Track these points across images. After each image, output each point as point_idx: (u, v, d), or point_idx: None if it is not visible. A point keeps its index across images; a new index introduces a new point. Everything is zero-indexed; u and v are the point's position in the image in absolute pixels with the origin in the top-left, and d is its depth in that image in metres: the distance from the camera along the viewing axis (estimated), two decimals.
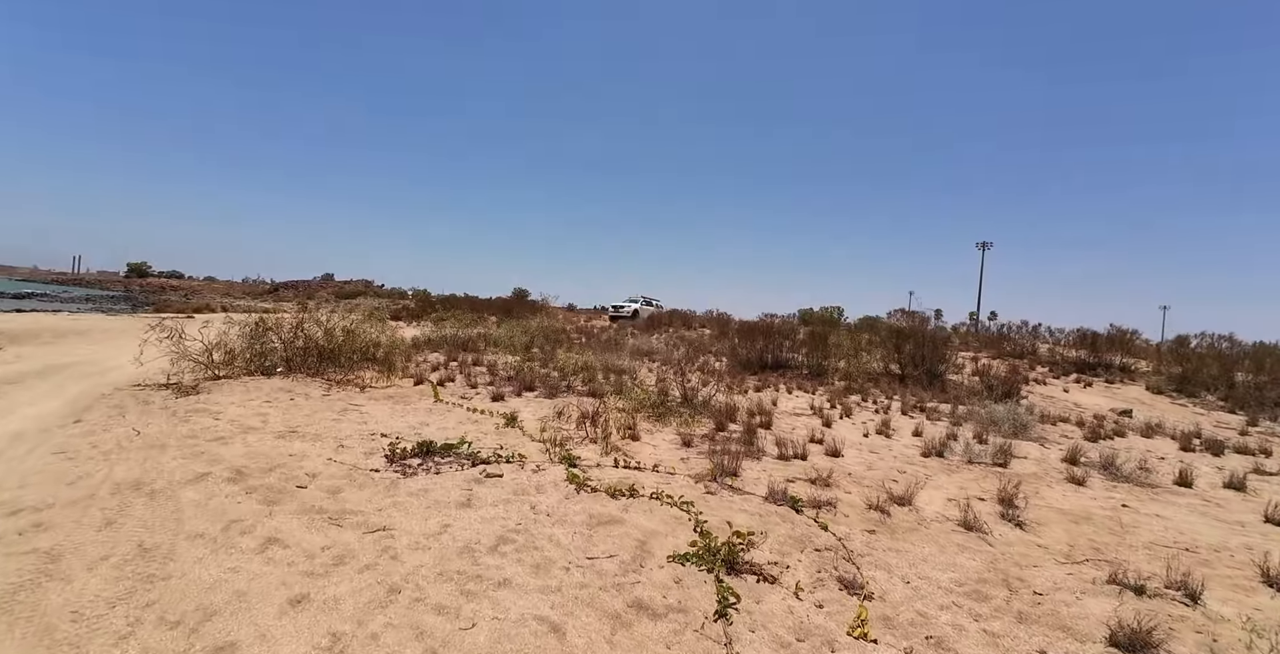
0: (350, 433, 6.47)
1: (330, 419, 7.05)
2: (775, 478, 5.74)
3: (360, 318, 11.80)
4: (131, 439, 5.73)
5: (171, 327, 8.71)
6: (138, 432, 5.97)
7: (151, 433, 5.95)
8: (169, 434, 5.91)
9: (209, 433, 6.03)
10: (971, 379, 14.74)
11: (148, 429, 6.08)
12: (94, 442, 5.61)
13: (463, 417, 7.76)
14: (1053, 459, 8.37)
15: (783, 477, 5.85)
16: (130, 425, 6.20)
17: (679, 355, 17.27)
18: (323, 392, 8.63)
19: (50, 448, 5.35)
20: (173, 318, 21.69)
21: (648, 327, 23.05)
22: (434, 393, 9.00)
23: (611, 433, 6.91)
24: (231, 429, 6.23)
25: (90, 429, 6.02)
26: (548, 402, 9.06)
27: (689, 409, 8.97)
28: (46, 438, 5.66)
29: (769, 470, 6.07)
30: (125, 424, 6.25)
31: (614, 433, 6.95)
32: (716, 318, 25.24)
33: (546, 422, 7.82)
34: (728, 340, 19.85)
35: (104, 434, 5.87)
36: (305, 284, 72.38)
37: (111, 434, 5.87)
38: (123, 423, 6.30)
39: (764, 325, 16.67)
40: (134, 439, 5.72)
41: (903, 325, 14.94)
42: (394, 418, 7.43)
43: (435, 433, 6.79)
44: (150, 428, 6.13)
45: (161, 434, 5.92)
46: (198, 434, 5.95)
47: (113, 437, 5.79)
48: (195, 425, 6.29)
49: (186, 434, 5.93)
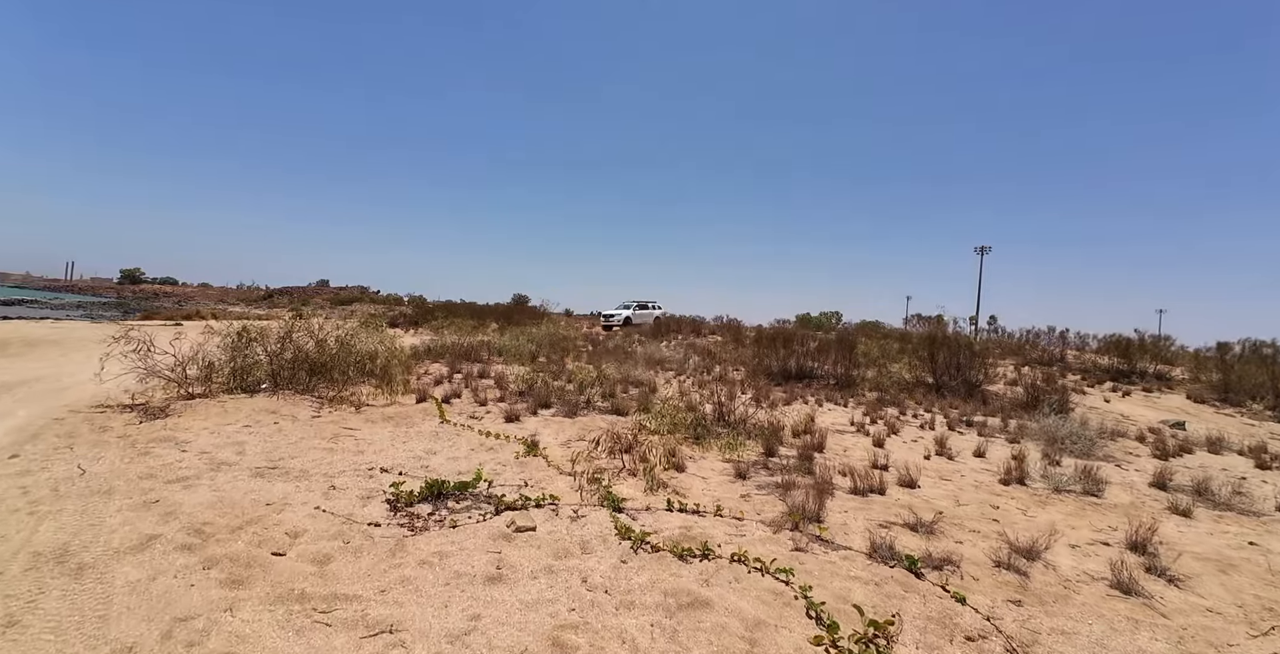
0: (344, 467, 5.35)
1: (320, 448, 5.93)
2: (866, 522, 4.67)
3: (356, 326, 10.67)
4: (73, 481, 4.58)
5: (139, 337, 7.56)
6: (82, 470, 4.82)
7: (99, 472, 4.80)
8: (120, 473, 4.77)
9: (170, 471, 4.89)
10: (1010, 390, 13.75)
11: (96, 466, 4.94)
12: (26, 486, 4.46)
13: (475, 441, 6.65)
14: (1139, 484, 7.37)
15: (870, 519, 4.79)
16: (77, 461, 5.05)
17: (692, 364, 16.21)
18: (313, 412, 7.49)
19: None
20: (148, 325, 20.38)
21: (654, 333, 21.98)
22: (439, 412, 7.88)
23: (654, 463, 5.83)
24: (199, 465, 5.09)
25: (26, 467, 4.87)
26: (568, 422, 7.96)
27: (727, 430, 7.90)
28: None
29: (849, 510, 5.00)
30: (71, 459, 5.11)
31: (656, 463, 5.87)
32: (727, 324, 24.20)
33: (572, 446, 6.73)
34: (742, 348, 18.81)
35: (41, 474, 4.72)
36: (300, 290, 70.91)
37: (50, 474, 4.73)
38: (69, 458, 5.16)
39: (786, 333, 15.62)
40: (76, 481, 4.58)
41: (935, 333, 13.95)
42: (395, 445, 6.31)
43: (445, 464, 5.68)
44: (99, 465, 4.99)
45: (111, 473, 4.77)
46: (156, 473, 4.81)
47: (51, 477, 4.65)
48: (155, 460, 5.15)
49: (142, 473, 4.79)
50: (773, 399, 11.43)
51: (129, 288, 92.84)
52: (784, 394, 12.13)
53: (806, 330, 25.91)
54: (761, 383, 13.05)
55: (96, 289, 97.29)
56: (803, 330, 17.75)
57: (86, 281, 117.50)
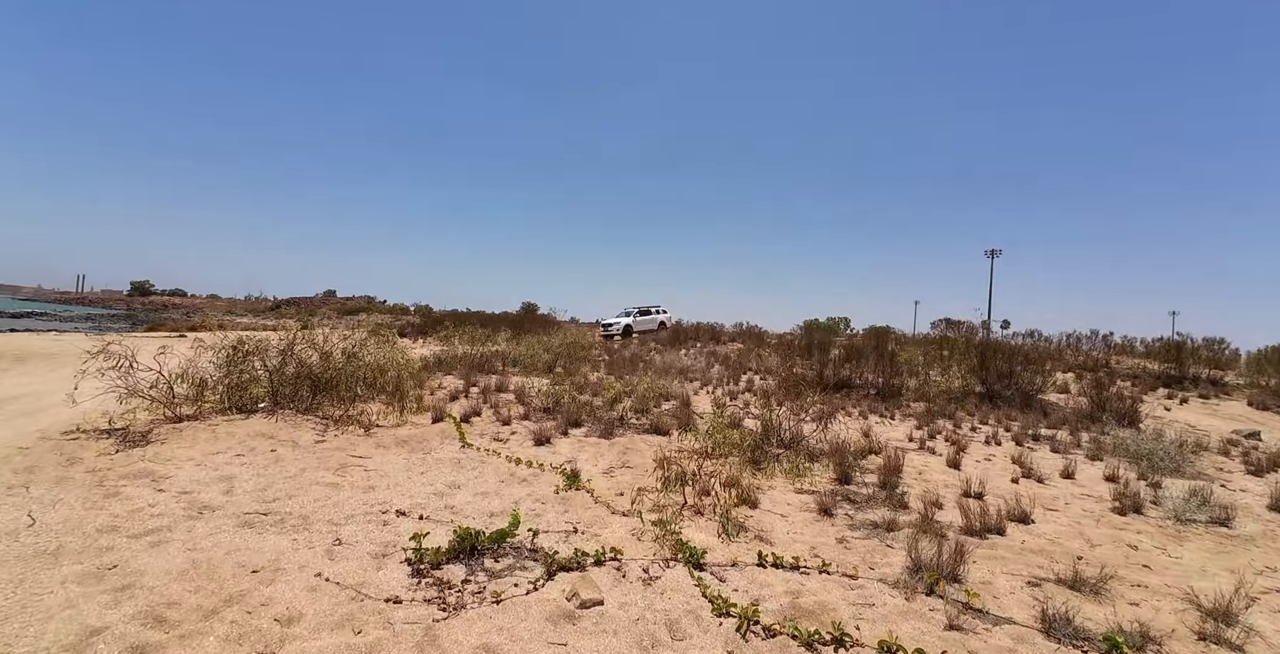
0: (352, 509, 4.36)
1: (324, 483, 4.95)
2: (1009, 578, 3.67)
3: (364, 336, 9.73)
4: (17, 535, 3.61)
5: (119, 352, 6.60)
6: (32, 520, 3.85)
7: (52, 522, 3.83)
8: (77, 525, 3.79)
9: (139, 520, 3.91)
10: (1068, 399, 12.71)
11: (50, 513, 3.96)
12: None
13: (504, 470, 5.67)
14: (1255, 507, 6.36)
15: (1011, 572, 3.78)
16: (30, 506, 4.08)
17: (716, 374, 15.21)
18: (316, 435, 6.51)
19: None
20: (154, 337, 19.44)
21: (672, 341, 20.98)
22: (459, 434, 6.90)
23: (723, 499, 4.83)
24: (176, 510, 4.11)
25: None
26: (604, 444, 6.96)
27: (784, 451, 6.91)
28: None
29: (979, 560, 3.99)
30: (24, 503, 4.14)
31: (726, 499, 4.87)
32: (747, 331, 23.14)
33: (616, 475, 5.73)
34: (766, 356, 17.80)
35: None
36: (307, 301, 70.17)
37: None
38: (21, 501, 4.18)
39: (818, 340, 14.61)
40: (21, 535, 3.60)
41: (984, 338, 12.91)
42: (412, 476, 5.32)
43: (472, 502, 4.70)
44: (55, 511, 4.01)
45: (67, 524, 3.80)
46: (120, 524, 3.83)
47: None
48: (123, 505, 4.17)
49: (104, 524, 3.81)
50: (814, 412, 10.42)
51: (138, 300, 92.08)
52: (824, 406, 11.11)
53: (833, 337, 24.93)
54: (797, 394, 12.04)
55: (106, 301, 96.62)
56: (832, 337, 16.75)
57: (97, 294, 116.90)
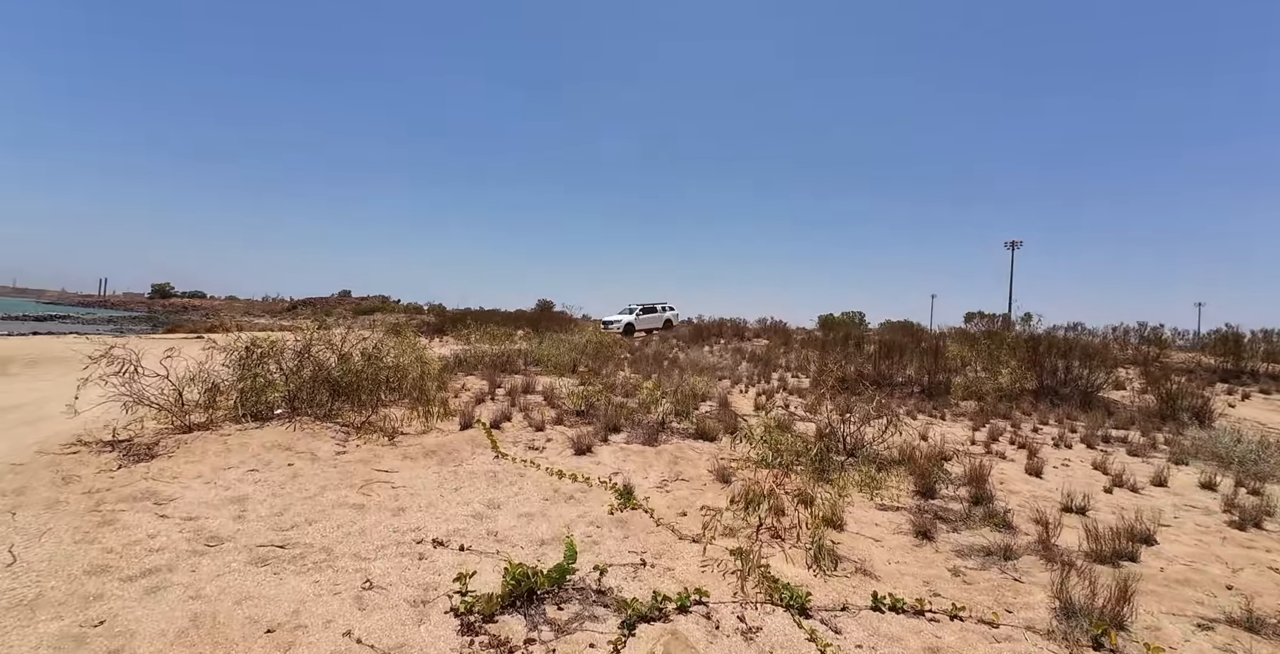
0: (382, 539, 3.74)
1: (348, 504, 4.33)
2: (1176, 621, 2.97)
3: (382, 335, 9.15)
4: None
5: (123, 356, 6.04)
6: (13, 557, 3.25)
7: (36, 560, 3.23)
8: (64, 563, 3.19)
9: (135, 556, 3.31)
10: (1130, 396, 11.89)
11: (34, 548, 3.37)
12: None
13: (546, 486, 5.03)
14: None
15: (1175, 612, 3.08)
16: (13, 538, 3.49)
17: (745, 371, 14.51)
18: (336, 445, 5.91)
19: None
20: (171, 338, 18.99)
21: (693, 337, 20.28)
22: (491, 443, 6.27)
23: (803, 519, 4.15)
24: (179, 543, 3.51)
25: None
26: (650, 451, 6.30)
27: (846, 458, 6.23)
28: None
29: (1130, 594, 3.29)
30: (7, 535, 3.55)
31: (803, 517, 4.19)
32: (772, 327, 22.32)
33: (671, 489, 5.08)
34: (792, 352, 17.06)
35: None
36: (323, 301, 70.18)
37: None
38: (4, 532, 3.60)
39: (856, 336, 13.84)
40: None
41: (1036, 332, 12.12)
42: (445, 494, 4.69)
43: (517, 527, 4.06)
44: (40, 545, 3.42)
45: (52, 562, 3.20)
46: (113, 562, 3.23)
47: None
48: (119, 535, 3.57)
49: (94, 563, 3.20)
50: (862, 414, 9.69)
51: (159, 302, 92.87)
52: (885, 408, 10.38)
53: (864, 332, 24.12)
54: (843, 392, 11.32)
55: (128, 304, 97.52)
56: (864, 332, 15.97)
57: (119, 297, 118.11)
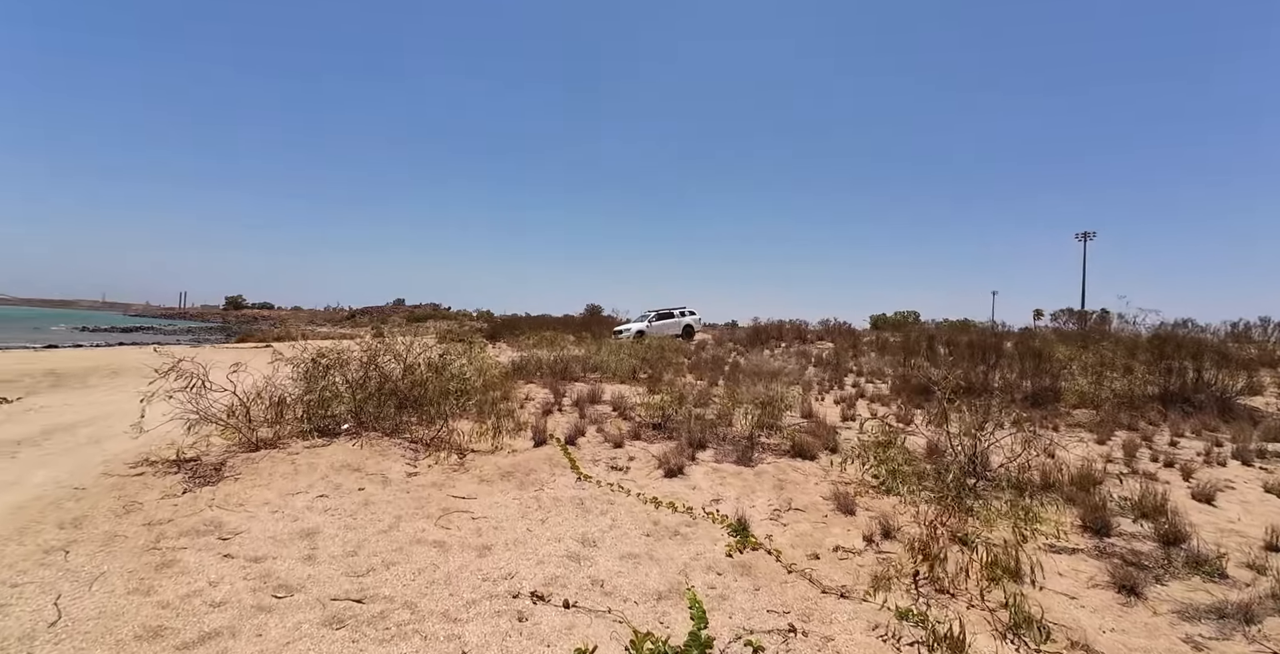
0: (471, 590, 3.12)
1: (428, 542, 3.74)
2: None
3: (448, 344, 8.74)
4: (34, 640, 2.54)
5: (191, 370, 5.72)
6: (59, 612, 2.78)
7: (83, 615, 2.75)
8: (114, 622, 2.70)
9: (193, 614, 2.79)
10: (1267, 401, 10.32)
11: (85, 600, 2.90)
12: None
13: (642, 516, 4.33)
14: None
15: None
16: (61, 586, 3.04)
17: (812, 377, 13.52)
18: (406, 465, 5.40)
19: None
20: (242, 348, 19.44)
21: (751, 341, 19.33)
22: (570, 462, 5.64)
23: (966, 564, 3.30)
24: (243, 593, 2.98)
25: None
26: (747, 472, 5.53)
27: (978, 481, 5.29)
28: None
29: None
30: (56, 581, 3.11)
31: (966, 561, 3.34)
32: (836, 328, 21.10)
33: (785, 520, 4.29)
34: (862, 355, 15.92)
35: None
36: (379, 309, 72.28)
37: (3, 623, 2.71)
38: (54, 575, 3.16)
39: (944, 337, 12.66)
40: (38, 641, 2.53)
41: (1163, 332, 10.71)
42: (531, 528, 4.06)
43: (622, 572, 3.37)
44: (91, 596, 2.95)
45: (101, 620, 2.71)
46: (168, 622, 2.71)
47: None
48: (178, 584, 3.07)
49: (146, 624, 2.69)
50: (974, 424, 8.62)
51: (232, 313, 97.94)
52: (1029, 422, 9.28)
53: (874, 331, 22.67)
54: (912, 397, 10.24)
55: (205, 315, 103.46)
56: (946, 334, 14.71)
57: (197, 309, 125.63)
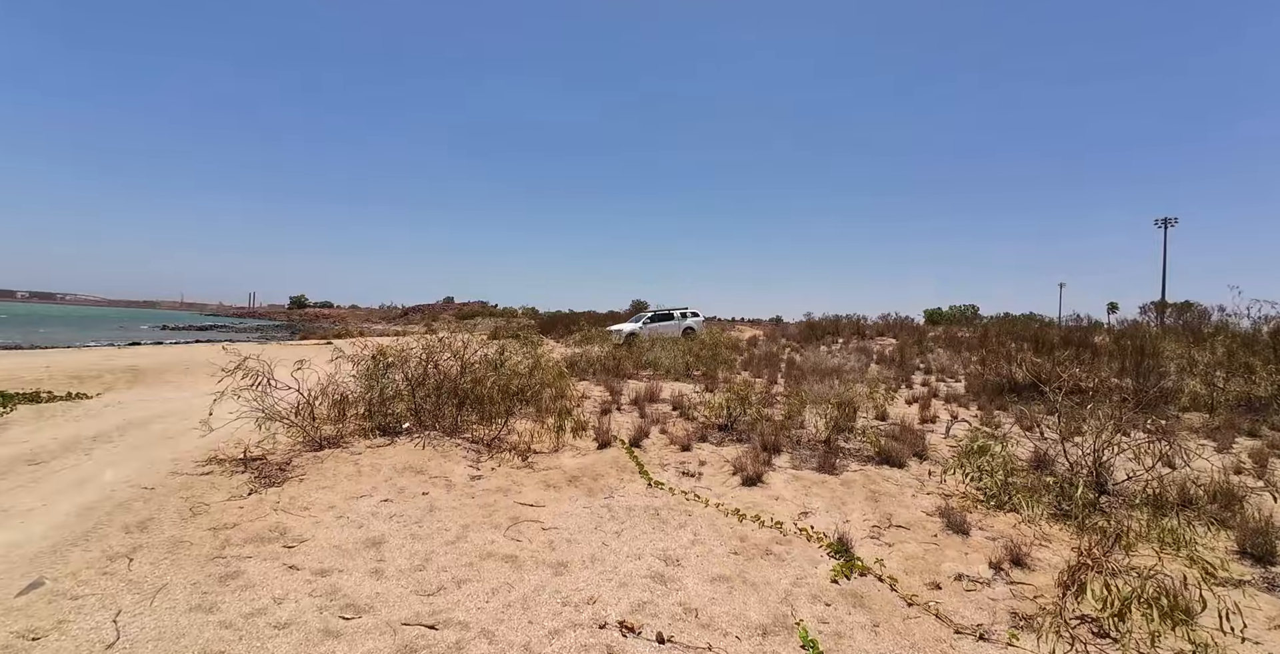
0: (552, 618, 2.75)
1: (499, 556, 3.42)
2: None
3: (503, 341, 8.51)
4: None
5: (256, 368, 5.64)
6: (117, 632, 2.57)
7: (142, 637, 2.53)
8: (172, 647, 2.46)
9: (255, 638, 2.53)
10: None
11: (144, 618, 2.69)
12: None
13: (725, 530, 3.89)
14: None
15: None
16: (122, 600, 2.85)
17: (875, 374, 12.70)
18: (470, 467, 5.13)
19: None
20: (304, 345, 20.03)
21: (805, 337, 18.53)
22: (638, 467, 5.25)
23: (1120, 599, 2.71)
24: (308, 613, 2.71)
25: (31, 621, 2.71)
26: (832, 481, 5.00)
27: (1099, 496, 4.60)
28: None
29: None
30: (117, 593, 2.93)
31: (1122, 596, 2.74)
32: (899, 323, 19.92)
33: (887, 539, 3.76)
34: (928, 352, 14.93)
35: (41, 645, 2.53)
36: (430, 307, 74.26)
37: (58, 645, 2.52)
38: (115, 585, 2.98)
39: (1033, 333, 11.66)
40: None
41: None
42: (607, 542, 3.68)
43: (715, 599, 2.93)
44: (150, 612, 2.73)
45: (158, 646, 2.48)
46: (228, 645, 2.45)
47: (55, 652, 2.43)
48: (240, 600, 2.83)
49: (206, 649, 2.45)
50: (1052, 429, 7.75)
51: (296, 312, 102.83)
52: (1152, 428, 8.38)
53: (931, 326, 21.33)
54: (991, 398, 9.35)
55: (271, 314, 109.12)
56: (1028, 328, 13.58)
57: (264, 308, 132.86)
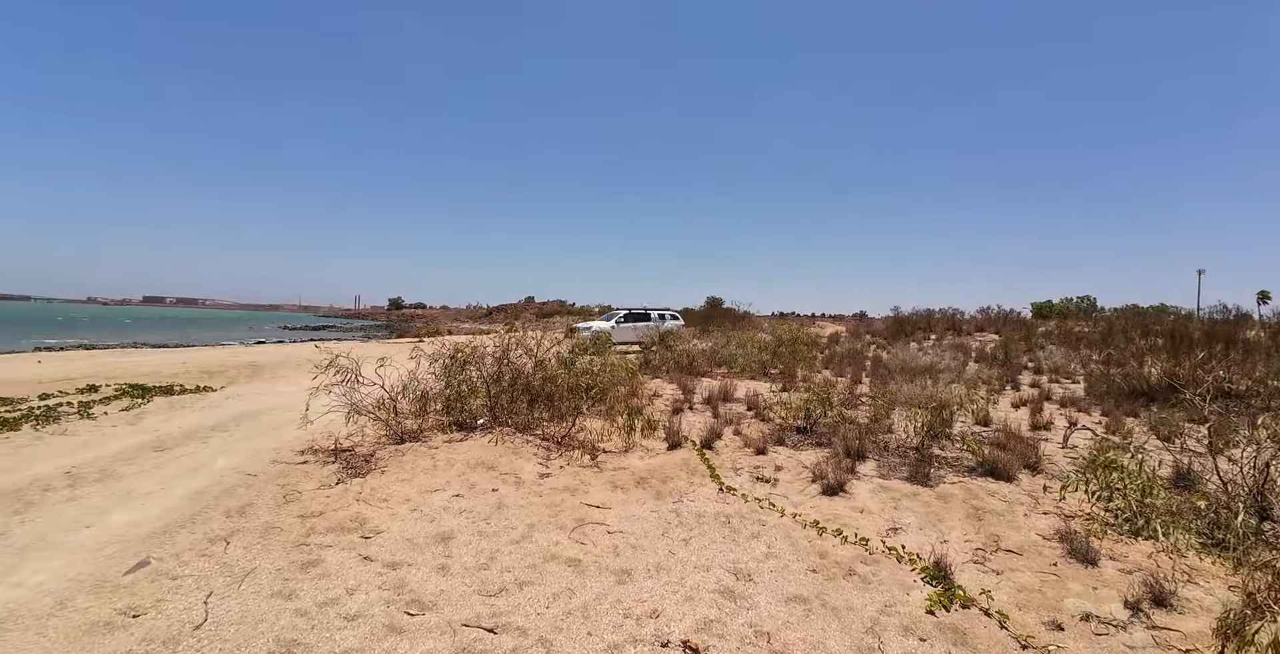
0: (612, 631, 2.61)
1: (562, 559, 3.32)
2: None
3: (567, 334, 8.57)
4: (178, 644, 2.45)
5: (346, 366, 5.96)
6: (206, 613, 2.71)
7: (226, 620, 2.65)
8: (253, 631, 2.55)
9: (327, 629, 2.57)
10: None
11: (232, 600, 2.82)
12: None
13: (802, 544, 3.57)
14: None
15: None
16: (215, 582, 3.03)
17: (975, 373, 11.56)
18: (539, 465, 5.12)
19: None
20: (401, 343, 21.46)
21: (893, 333, 17.33)
22: (709, 470, 5.01)
23: None
24: (376, 606, 2.73)
25: (134, 598, 2.91)
26: (925, 494, 4.51)
27: (1261, 522, 3.79)
28: (36, 633, 2.62)
29: None
30: (212, 574, 3.11)
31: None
32: (1002, 317, 18.04)
33: (989, 562, 3.28)
34: (1038, 349, 13.45)
35: (139, 623, 2.70)
36: (512, 307, 77.35)
37: (153, 623, 2.68)
38: (212, 566, 3.18)
39: (1168, 327, 10.19)
40: (182, 644, 2.44)
41: None
42: (674, 551, 3.49)
43: (790, 622, 2.65)
44: (239, 595, 2.87)
45: (241, 629, 2.58)
46: (301, 637, 2.51)
47: (146, 634, 2.58)
48: (318, 588, 2.92)
49: (281, 637, 2.51)
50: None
51: (394, 313, 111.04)
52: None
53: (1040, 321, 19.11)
54: (1119, 403, 8.14)
55: (373, 315, 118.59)
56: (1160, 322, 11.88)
57: (367, 309, 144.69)
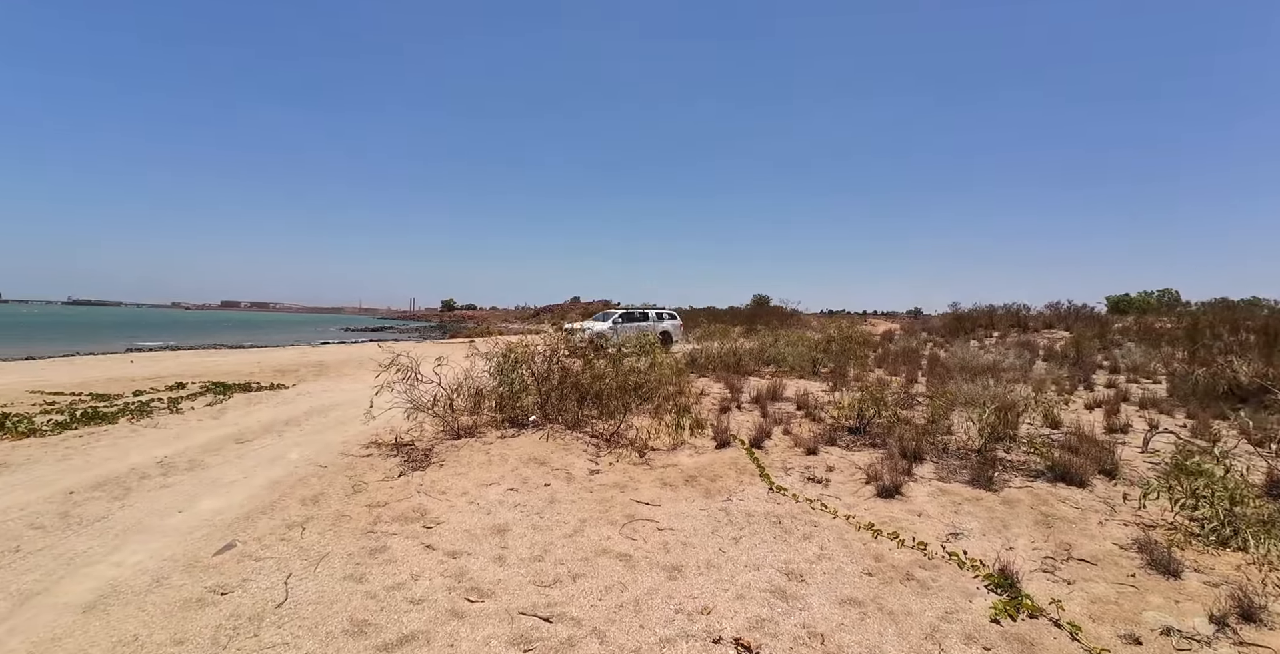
0: (663, 626, 2.63)
1: (613, 554, 3.38)
2: None
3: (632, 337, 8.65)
4: (261, 621, 2.65)
5: (406, 364, 6.25)
6: (286, 593, 2.91)
7: (303, 599, 2.83)
8: (328, 610, 2.72)
9: (394, 611, 2.72)
10: None
11: (309, 581, 3.02)
12: (182, 634, 2.63)
13: (856, 546, 3.49)
14: None
15: None
16: (293, 564, 3.24)
17: (1043, 372, 10.91)
18: (589, 461, 5.21)
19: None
20: (454, 343, 22.26)
21: (951, 330, 16.58)
22: (759, 469, 4.96)
23: None
24: (439, 592, 2.86)
25: (222, 577, 3.14)
26: (989, 497, 4.31)
27: None
28: (121, 617, 2.87)
29: None
30: (291, 556, 3.33)
31: None
32: (1071, 313, 16.86)
33: (1060, 571, 3.11)
34: (1115, 346, 12.58)
35: (228, 600, 2.92)
36: (559, 307, 78.64)
37: (240, 601, 2.89)
38: (290, 550, 3.40)
39: (1261, 323, 9.37)
40: (265, 621, 2.63)
41: None
42: (725, 550, 3.48)
43: (845, 624, 2.60)
44: (315, 576, 3.06)
45: (317, 607, 2.76)
46: (371, 617, 2.65)
47: (234, 611, 2.79)
48: (385, 573, 3.08)
49: (353, 617, 2.67)
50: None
51: (447, 314, 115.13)
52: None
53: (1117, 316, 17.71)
54: (1204, 406, 7.47)
55: (427, 317, 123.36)
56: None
57: (422, 311, 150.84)
